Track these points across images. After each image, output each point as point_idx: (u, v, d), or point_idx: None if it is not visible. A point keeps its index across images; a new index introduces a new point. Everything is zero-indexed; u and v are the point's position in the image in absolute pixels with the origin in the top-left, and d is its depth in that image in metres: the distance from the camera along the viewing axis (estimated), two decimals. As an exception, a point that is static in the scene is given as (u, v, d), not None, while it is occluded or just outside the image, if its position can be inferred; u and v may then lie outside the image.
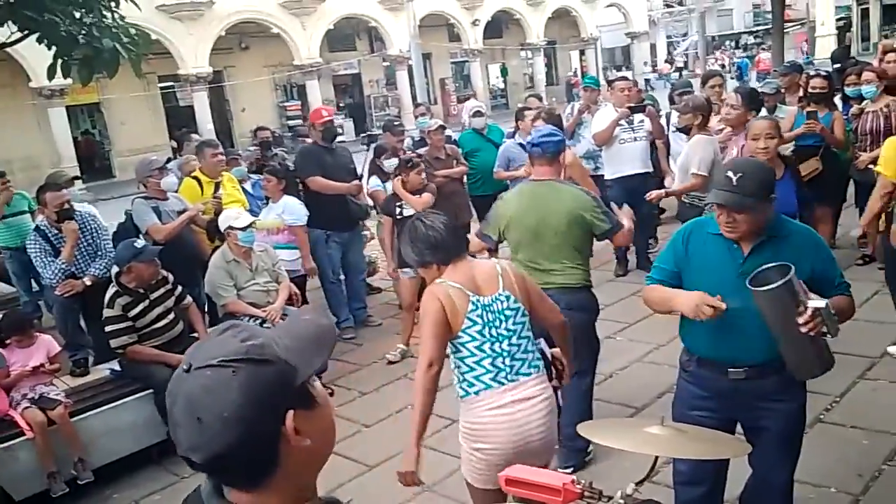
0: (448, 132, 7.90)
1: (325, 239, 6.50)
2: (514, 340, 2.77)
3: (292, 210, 6.17)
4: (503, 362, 2.75)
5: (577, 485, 1.99)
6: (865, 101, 6.40)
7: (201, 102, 23.88)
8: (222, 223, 5.29)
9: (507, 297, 2.79)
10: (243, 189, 6.91)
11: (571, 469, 3.85)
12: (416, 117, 8.63)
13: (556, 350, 3.07)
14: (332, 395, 5.14)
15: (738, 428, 2.90)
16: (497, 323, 2.76)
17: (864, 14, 27.27)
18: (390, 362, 5.87)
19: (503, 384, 2.74)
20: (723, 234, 2.67)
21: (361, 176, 6.89)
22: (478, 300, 2.75)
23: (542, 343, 3.01)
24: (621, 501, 1.92)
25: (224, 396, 1.06)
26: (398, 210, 5.90)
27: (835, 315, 2.46)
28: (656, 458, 2.00)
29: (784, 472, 2.86)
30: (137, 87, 20.36)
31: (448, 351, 2.80)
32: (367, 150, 7.73)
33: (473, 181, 7.70)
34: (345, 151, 6.96)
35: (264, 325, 5.02)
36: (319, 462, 1.19)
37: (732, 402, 2.75)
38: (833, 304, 2.52)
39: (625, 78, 7.49)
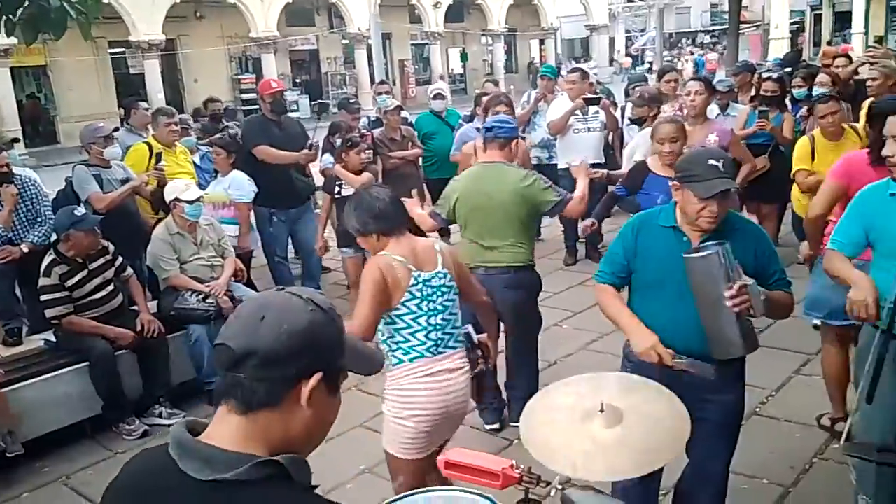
0: (405, 114, 7.85)
1: (269, 216, 6.40)
2: (446, 315, 2.94)
3: (239, 185, 6.05)
4: (436, 335, 2.91)
5: (516, 469, 1.99)
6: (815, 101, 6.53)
7: (153, 71, 23.28)
8: (168, 194, 5.15)
9: (445, 275, 2.95)
10: (191, 161, 6.75)
11: (497, 426, 4.28)
12: (377, 94, 8.48)
13: (483, 336, 3.21)
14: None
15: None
16: (434, 298, 2.91)
17: (817, 20, 27.96)
18: None
19: (434, 355, 2.90)
20: (678, 218, 2.72)
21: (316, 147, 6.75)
22: (419, 275, 2.87)
23: (469, 328, 3.15)
24: (559, 486, 1.92)
25: (293, 316, 1.22)
26: (337, 189, 5.82)
27: (764, 298, 2.52)
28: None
29: (720, 463, 2.91)
30: (86, 51, 19.75)
31: (382, 321, 2.89)
32: (318, 120, 7.61)
33: (429, 164, 7.66)
34: (295, 124, 6.85)
35: (208, 301, 4.92)
36: (304, 439, 1.26)
37: (674, 390, 2.77)
38: (773, 296, 2.59)
39: (576, 70, 7.50)
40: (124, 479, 1.28)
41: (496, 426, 4.33)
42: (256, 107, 13.46)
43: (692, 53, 32.85)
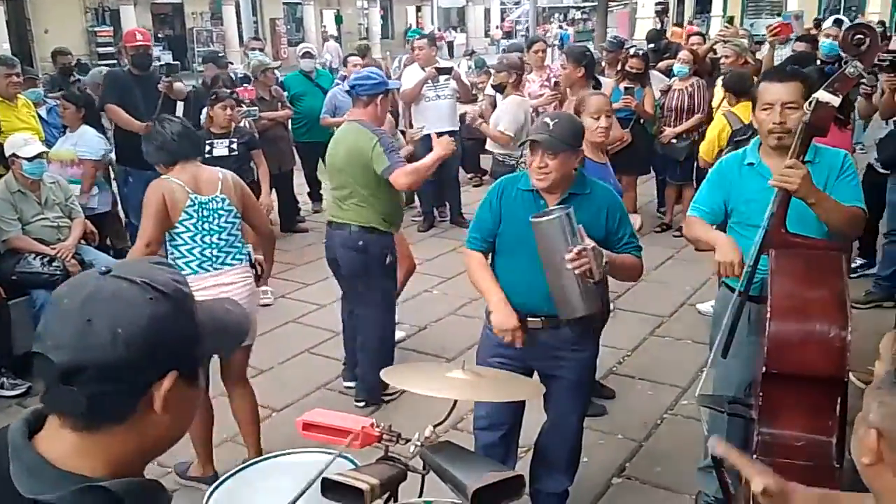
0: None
1: (125, 176, 6.03)
2: (223, 236, 3.26)
3: (88, 142, 5.66)
4: (212, 253, 3.24)
5: (376, 428, 1.96)
6: (674, 79, 6.84)
7: (-4, 18, 21.36)
8: (7, 149, 4.72)
9: (223, 200, 3.25)
10: (38, 115, 6.23)
11: (363, 404, 4.19)
12: (248, 50, 8.12)
13: (260, 256, 3.54)
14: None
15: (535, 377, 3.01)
16: (211, 219, 3.22)
17: (680, 1, 29.54)
18: (265, 304, 5.42)
19: (209, 271, 3.23)
20: (533, 185, 2.75)
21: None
22: (196, 198, 3.19)
23: (250, 248, 3.48)
24: (419, 443, 1.91)
25: (129, 313, 0.97)
26: (208, 148, 5.55)
27: (606, 262, 2.60)
28: (455, 401, 2.01)
29: (575, 417, 3.02)
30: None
31: (165, 239, 3.23)
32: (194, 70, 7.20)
33: (298, 126, 7.45)
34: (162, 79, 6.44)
35: (53, 264, 4.57)
36: (161, 444, 1.08)
37: (531, 351, 2.85)
38: (618, 259, 2.70)
39: (423, 37, 7.47)
40: None
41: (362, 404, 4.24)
42: (114, 62, 12.64)
43: (561, 28, 33.83)
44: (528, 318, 2.79)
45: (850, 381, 2.75)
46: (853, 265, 5.59)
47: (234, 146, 5.64)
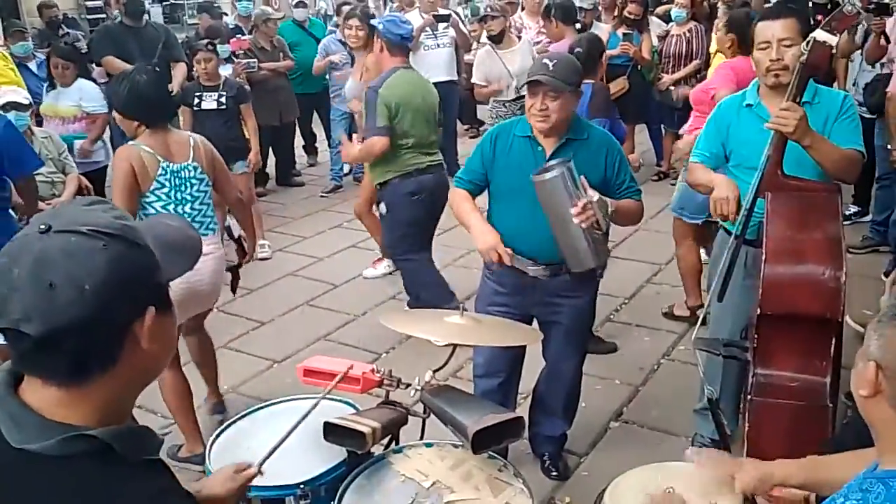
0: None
1: (120, 129, 5.95)
2: (195, 205, 3.13)
3: (92, 96, 5.53)
4: None
5: (377, 373, 1.99)
6: (672, 24, 6.74)
7: (-20, -29, 20.88)
8: (-9, 103, 4.64)
9: (195, 168, 3.12)
10: (26, 68, 6.15)
11: None
12: (236, 0, 7.96)
13: (244, 232, 3.47)
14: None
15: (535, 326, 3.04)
16: (183, 188, 3.09)
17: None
18: (263, 258, 5.57)
19: None
20: (533, 128, 2.73)
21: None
22: (168, 166, 3.04)
23: (232, 221, 3.47)
24: (419, 388, 1.94)
25: (88, 266, 0.94)
26: (196, 101, 5.49)
27: (612, 210, 2.60)
28: (454, 346, 2.03)
29: (573, 362, 3.06)
30: None
31: (138, 210, 3.05)
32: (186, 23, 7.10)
33: (293, 77, 7.34)
34: (155, 32, 6.34)
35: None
36: (152, 374, 1.10)
37: (529, 298, 2.87)
38: (620, 205, 2.69)
39: None
40: None
41: None
42: (102, 16, 12.41)
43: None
44: (529, 267, 2.80)
45: (847, 324, 2.79)
46: (847, 212, 5.60)
47: (224, 100, 5.56)
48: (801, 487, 1.64)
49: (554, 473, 3.17)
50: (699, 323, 2.90)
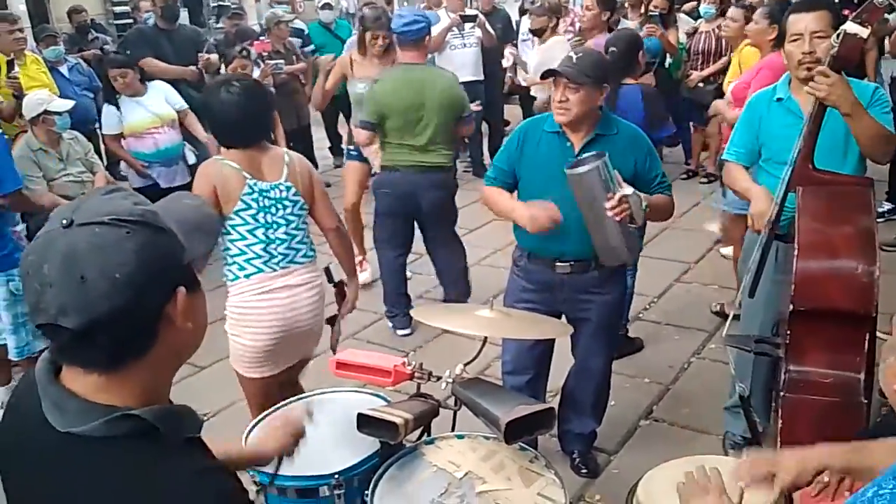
0: (301, 25, 7.56)
1: None
2: (289, 230, 2.73)
3: (172, 93, 5.44)
4: (276, 249, 2.71)
5: (408, 366, 2.00)
6: (700, 21, 6.69)
7: (13, -21, 21.25)
8: (31, 108, 4.73)
9: (288, 188, 2.72)
10: (59, 73, 6.25)
11: (408, 331, 4.48)
12: (275, 3, 8.08)
13: (344, 278, 2.97)
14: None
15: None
16: (273, 210, 2.69)
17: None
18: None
19: (275, 270, 2.71)
20: (556, 121, 2.73)
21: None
22: (255, 184, 2.66)
23: (332, 261, 2.99)
24: (450, 380, 1.95)
25: (116, 256, 0.96)
26: None
27: (646, 206, 2.59)
28: (485, 339, 2.04)
29: (602, 359, 3.05)
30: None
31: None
32: (213, 27, 7.17)
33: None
34: (189, 35, 6.42)
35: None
36: (188, 352, 1.13)
37: (558, 294, 2.87)
38: (652, 200, 2.68)
39: None
40: (5, 418, 1.15)
41: (407, 331, 4.49)
42: (130, 21, 12.57)
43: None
44: (557, 263, 2.80)
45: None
46: (881, 209, 5.52)
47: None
48: (843, 472, 1.61)
49: (584, 471, 3.17)
50: (730, 319, 2.88)
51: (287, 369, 2.83)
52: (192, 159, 5.37)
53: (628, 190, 2.52)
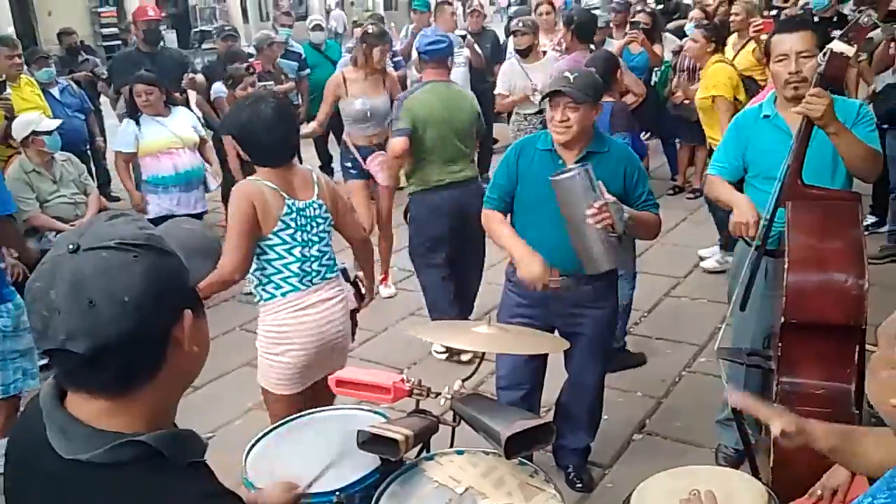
0: (297, 47, 7.62)
1: None
2: (322, 247, 2.78)
3: (197, 123, 5.39)
4: (311, 266, 2.74)
5: (407, 383, 2.02)
6: (686, 39, 6.77)
7: (-1, 2, 21.23)
8: (20, 130, 4.74)
9: (320, 206, 2.76)
10: (50, 94, 6.27)
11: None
12: (279, 26, 8.12)
13: (360, 273, 3.06)
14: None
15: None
16: (308, 228, 2.72)
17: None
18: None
19: (310, 286, 2.74)
20: (554, 140, 2.77)
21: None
22: (293, 203, 2.67)
23: (346, 265, 3.03)
24: (448, 396, 1.97)
25: (124, 281, 0.97)
26: None
27: (628, 217, 2.64)
28: (483, 354, 2.06)
29: (595, 374, 3.08)
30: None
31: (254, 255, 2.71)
32: (198, 48, 7.21)
33: (310, 99, 7.45)
34: (171, 57, 6.46)
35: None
36: (194, 374, 1.14)
37: (551, 309, 2.90)
38: (638, 215, 2.74)
39: (444, 3, 7.45)
40: (10, 445, 1.15)
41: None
42: (118, 42, 12.62)
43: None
44: (549, 278, 2.83)
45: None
46: (866, 223, 5.59)
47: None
48: (829, 454, 1.63)
49: (578, 485, 3.18)
50: (721, 332, 2.92)
51: (312, 384, 2.83)
52: (213, 185, 5.29)
53: (610, 198, 2.57)
